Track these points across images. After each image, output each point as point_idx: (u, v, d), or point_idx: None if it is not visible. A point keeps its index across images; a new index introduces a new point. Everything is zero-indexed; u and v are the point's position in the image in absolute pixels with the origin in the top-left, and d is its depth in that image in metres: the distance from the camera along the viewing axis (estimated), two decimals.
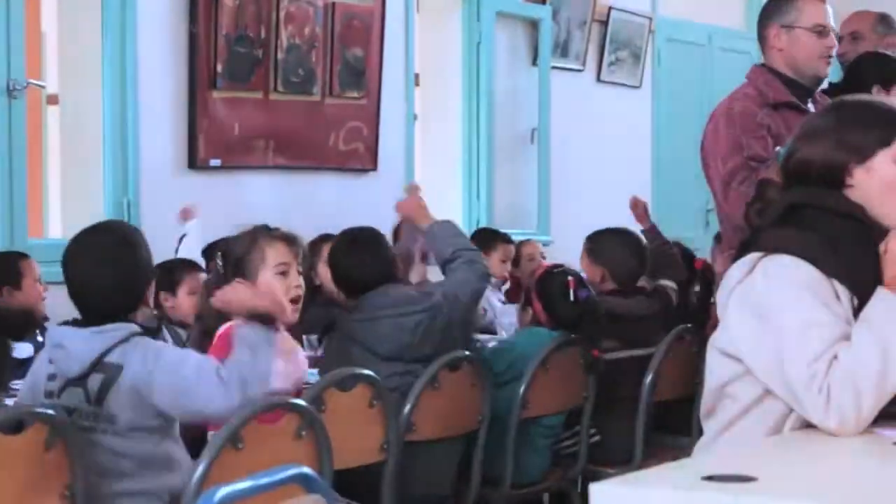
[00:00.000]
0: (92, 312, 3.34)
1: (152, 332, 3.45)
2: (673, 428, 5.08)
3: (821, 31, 4.33)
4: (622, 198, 8.58)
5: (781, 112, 4.31)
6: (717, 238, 6.01)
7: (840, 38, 5.55)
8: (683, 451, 4.52)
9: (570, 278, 4.61)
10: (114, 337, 3.27)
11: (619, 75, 8.63)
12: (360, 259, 4.31)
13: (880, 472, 2.41)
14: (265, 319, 3.25)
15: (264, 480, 2.09)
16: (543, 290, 4.64)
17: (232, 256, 3.74)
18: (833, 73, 5.61)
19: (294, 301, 3.70)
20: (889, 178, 2.82)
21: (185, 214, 5.67)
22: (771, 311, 2.70)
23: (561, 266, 4.80)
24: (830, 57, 4.41)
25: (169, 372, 3.21)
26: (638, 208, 5.72)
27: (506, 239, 6.57)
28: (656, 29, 8.84)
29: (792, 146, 2.89)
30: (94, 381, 3.26)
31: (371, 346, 4.16)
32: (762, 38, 4.44)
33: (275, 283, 3.65)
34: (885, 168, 2.82)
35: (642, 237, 5.31)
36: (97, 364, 3.25)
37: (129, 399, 3.23)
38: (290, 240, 3.74)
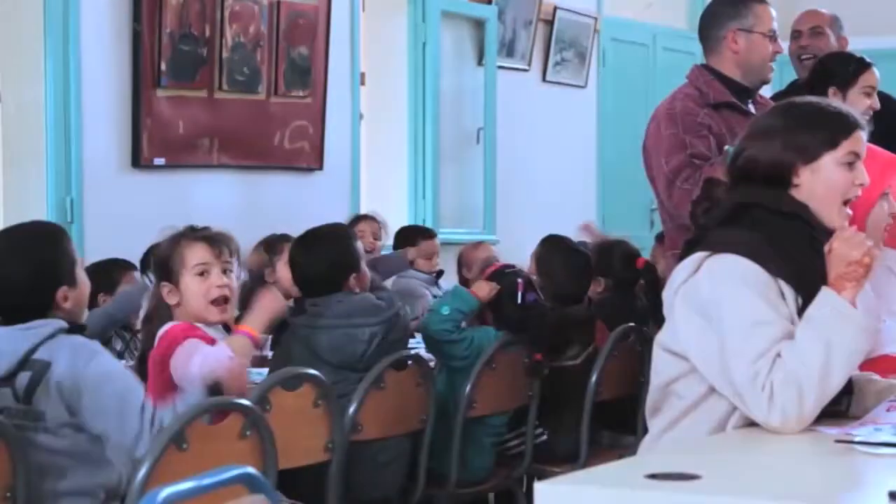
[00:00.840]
0: (6, 310, 3.31)
1: (81, 329, 3.41)
2: (619, 426, 5.10)
3: (773, 36, 4.40)
4: (568, 197, 8.66)
5: (721, 112, 4.35)
6: (659, 238, 6.05)
7: (799, 34, 5.62)
8: (629, 450, 4.55)
9: (519, 280, 4.61)
10: (40, 334, 3.25)
11: (564, 75, 8.65)
12: (317, 258, 4.28)
13: (822, 469, 2.43)
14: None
15: (208, 481, 2.07)
16: None
17: (157, 260, 3.73)
18: (788, 73, 5.68)
19: (222, 301, 3.67)
20: (833, 181, 2.86)
21: None
22: (716, 309, 2.72)
23: (513, 267, 4.81)
24: (774, 61, 4.47)
25: (92, 383, 3.21)
26: (591, 234, 5.74)
27: (428, 234, 6.58)
28: (601, 29, 8.87)
29: (740, 146, 2.91)
30: (22, 378, 3.23)
31: (322, 354, 4.13)
32: (712, 39, 4.47)
33: (193, 284, 3.64)
34: (830, 170, 2.85)
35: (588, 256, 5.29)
36: (24, 361, 3.23)
37: (57, 396, 3.21)
38: (211, 240, 3.71)
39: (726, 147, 2.96)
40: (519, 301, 4.57)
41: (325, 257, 4.29)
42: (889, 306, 3.37)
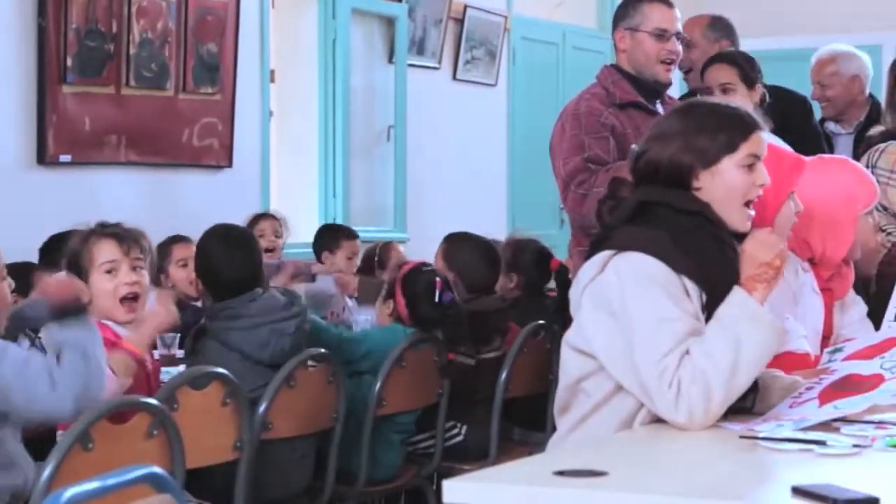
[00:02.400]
0: None
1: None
2: (529, 424, 5.12)
3: (661, 35, 4.42)
4: (478, 195, 8.67)
5: (627, 111, 4.39)
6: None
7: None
8: (539, 447, 4.57)
9: (437, 279, 4.62)
10: None
11: (474, 73, 8.66)
12: (232, 258, 4.24)
13: (728, 465, 2.45)
14: (71, 312, 3.18)
15: (113, 481, 2.06)
16: (409, 286, 4.63)
17: (68, 257, 3.69)
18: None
19: (130, 298, 3.64)
20: (733, 183, 2.89)
21: None
22: (623, 307, 2.74)
23: (429, 265, 4.81)
24: (672, 62, 4.49)
25: None
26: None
27: (350, 235, 6.56)
28: (511, 28, 8.90)
29: (643, 146, 2.94)
30: None
31: (252, 354, 4.10)
32: (613, 39, 4.54)
33: (101, 282, 3.60)
34: (730, 173, 2.89)
35: (492, 243, 5.32)
36: None
37: None
38: (120, 237, 3.68)
39: (633, 146, 2.98)
40: (437, 300, 4.58)
41: (247, 260, 4.26)
42: (792, 305, 3.41)
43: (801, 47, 7.11)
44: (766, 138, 2.96)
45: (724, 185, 2.88)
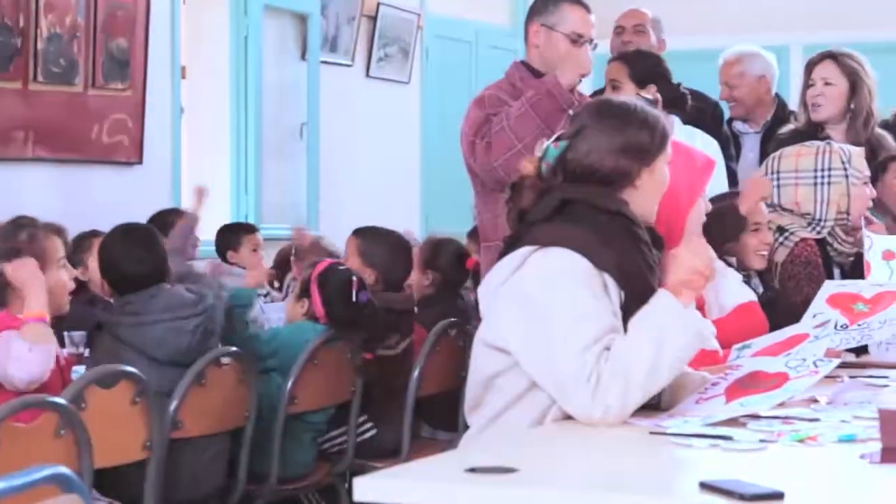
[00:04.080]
0: None
1: None
2: (441, 421, 5.13)
3: (576, 39, 4.44)
4: (391, 193, 8.66)
5: None
6: (472, 233, 6.10)
7: (622, 30, 5.72)
8: (452, 444, 4.58)
9: (354, 278, 4.62)
10: None
11: (388, 71, 8.65)
12: (133, 255, 4.20)
13: (637, 460, 2.47)
14: None
15: (18, 481, 2.03)
16: (325, 285, 4.62)
17: (26, 251, 3.70)
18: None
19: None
20: (664, 180, 2.96)
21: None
22: (543, 303, 2.75)
23: (343, 264, 4.80)
24: None
25: None
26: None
27: (249, 229, 6.57)
28: (425, 25, 8.90)
29: (567, 147, 2.93)
30: None
31: (147, 351, 4.06)
32: (525, 33, 4.54)
33: (61, 276, 3.65)
34: (664, 170, 2.95)
35: (407, 238, 5.34)
36: None
37: None
38: (60, 232, 3.74)
39: (545, 143, 2.97)
40: (354, 299, 4.57)
41: (149, 256, 4.22)
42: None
43: (710, 48, 7.17)
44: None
45: (658, 183, 2.95)
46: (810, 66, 5.08)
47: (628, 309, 2.80)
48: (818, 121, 4.97)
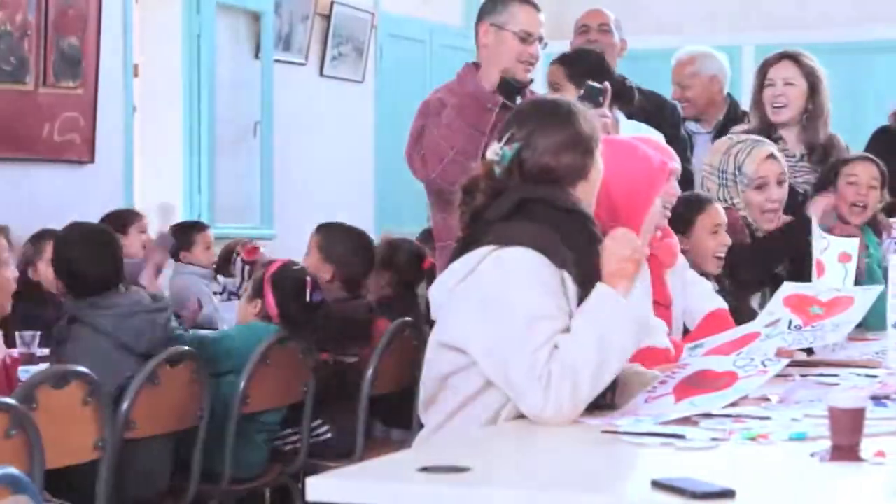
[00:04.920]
0: None
1: None
2: (396, 421, 5.13)
3: (525, 38, 4.46)
4: (345, 192, 8.65)
5: None
6: (424, 235, 6.11)
7: (587, 29, 5.73)
8: (407, 444, 4.58)
9: (308, 278, 4.61)
10: None
11: (341, 70, 8.64)
12: (91, 256, 4.17)
13: (589, 459, 2.48)
14: None
15: None
16: (279, 284, 4.60)
17: None
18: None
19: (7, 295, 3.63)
20: (602, 172, 3.01)
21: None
22: (502, 301, 2.76)
23: (297, 264, 4.79)
24: (532, 64, 4.54)
25: None
26: None
27: (200, 227, 6.57)
28: (378, 24, 8.89)
29: (521, 147, 2.94)
30: None
31: (127, 343, 4.04)
32: (475, 33, 4.56)
33: (7, 274, 3.60)
34: (600, 161, 3.02)
35: (369, 236, 5.34)
36: None
37: None
38: (3, 231, 3.68)
39: (499, 147, 2.98)
40: (308, 299, 4.56)
41: (109, 257, 4.20)
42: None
43: (662, 48, 7.21)
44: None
45: (600, 173, 3.01)
46: (766, 67, 5.10)
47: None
48: (779, 121, 5.00)
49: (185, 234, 6.48)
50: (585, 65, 4.89)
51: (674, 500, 2.04)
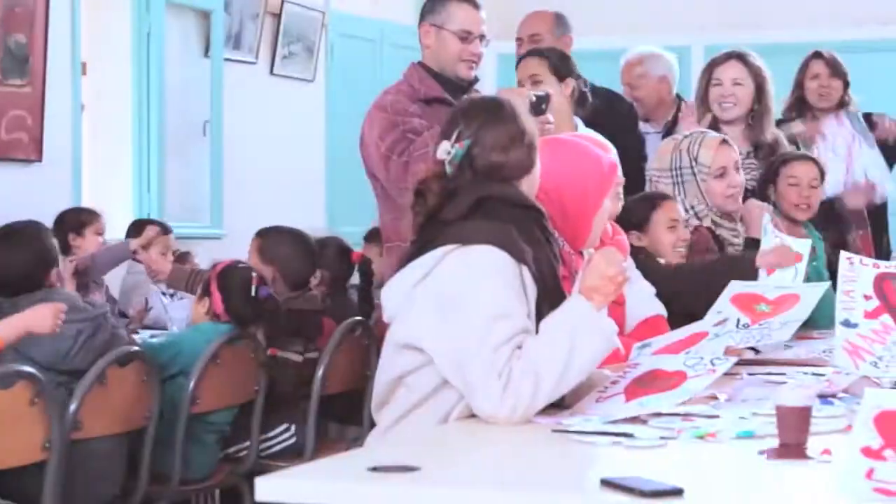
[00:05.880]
0: None
1: None
2: (346, 420, 5.12)
3: (465, 37, 4.48)
4: (296, 191, 8.62)
5: (433, 107, 4.44)
6: (370, 235, 6.10)
7: (521, 41, 5.73)
8: (357, 443, 4.57)
9: (254, 275, 4.61)
10: None
11: (292, 69, 8.62)
12: (15, 254, 4.14)
13: (539, 458, 2.49)
14: None
15: None
16: (225, 283, 4.60)
17: None
18: None
19: None
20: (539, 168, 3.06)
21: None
22: (464, 300, 2.77)
23: (244, 262, 4.79)
24: (475, 63, 4.55)
25: None
26: None
27: (163, 230, 6.50)
28: (329, 23, 8.87)
29: (471, 145, 2.96)
30: None
31: (25, 351, 4.00)
32: (419, 34, 4.58)
33: None
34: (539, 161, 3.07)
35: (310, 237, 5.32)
36: None
37: None
38: None
39: (446, 144, 2.99)
40: (253, 294, 4.56)
41: (24, 254, 4.16)
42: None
43: (612, 48, 7.22)
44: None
45: (539, 167, 3.04)
46: (713, 66, 5.14)
47: (539, 303, 2.83)
48: (727, 120, 5.04)
49: (143, 232, 6.43)
50: (564, 61, 4.92)
51: (623, 499, 2.05)
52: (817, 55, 5.87)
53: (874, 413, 2.08)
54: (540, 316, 2.84)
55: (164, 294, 6.16)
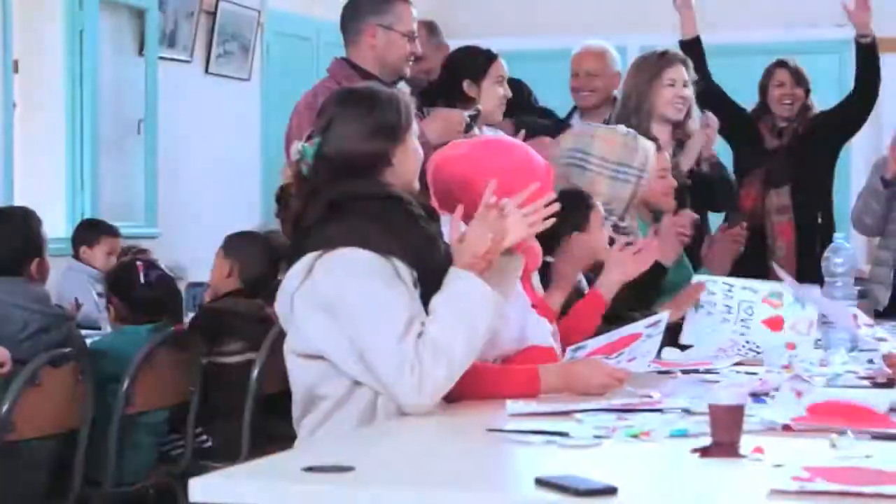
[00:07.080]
0: None
1: None
2: (282, 418, 5.10)
3: (412, 37, 4.50)
4: (232, 190, 8.58)
5: None
6: None
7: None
8: (293, 443, 4.55)
9: (139, 262, 4.60)
10: None
11: (227, 68, 8.57)
12: (1, 235, 4.12)
13: (473, 457, 2.49)
14: None
15: None
16: (115, 284, 4.61)
17: None
18: None
19: None
20: (419, 152, 3.03)
21: None
22: (342, 304, 2.77)
23: (144, 252, 4.78)
24: (413, 61, 4.58)
25: None
26: None
27: (111, 232, 6.46)
28: (265, 22, 8.84)
29: (321, 142, 2.94)
30: None
31: None
32: (352, 32, 4.55)
33: None
34: (415, 143, 3.01)
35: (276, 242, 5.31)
36: None
37: None
38: None
39: (300, 145, 2.97)
40: (143, 281, 4.54)
41: (11, 237, 4.14)
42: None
43: (548, 48, 7.26)
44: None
45: (413, 154, 3.01)
46: (661, 67, 5.15)
47: (424, 284, 2.84)
48: (677, 120, 5.06)
49: (91, 232, 6.40)
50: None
51: (557, 498, 2.06)
52: (781, 63, 5.99)
53: None
54: (430, 293, 2.84)
55: (99, 295, 6.12)
